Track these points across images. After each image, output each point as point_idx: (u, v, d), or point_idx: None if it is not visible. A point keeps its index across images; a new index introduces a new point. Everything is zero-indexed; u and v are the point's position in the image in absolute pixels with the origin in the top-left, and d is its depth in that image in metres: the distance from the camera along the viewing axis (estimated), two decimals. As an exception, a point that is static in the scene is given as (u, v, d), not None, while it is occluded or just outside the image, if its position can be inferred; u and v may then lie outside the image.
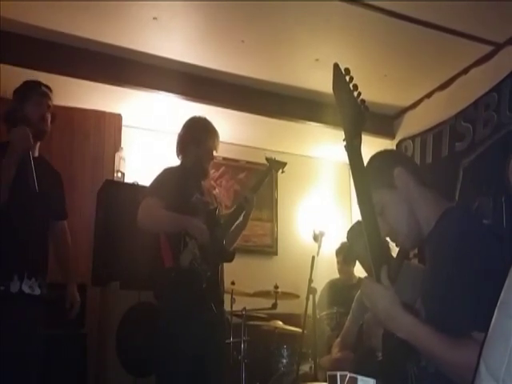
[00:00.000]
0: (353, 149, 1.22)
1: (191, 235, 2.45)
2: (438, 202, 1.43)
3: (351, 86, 1.22)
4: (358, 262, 4.10)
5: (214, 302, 2.50)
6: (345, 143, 1.23)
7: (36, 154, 2.47)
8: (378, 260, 1.23)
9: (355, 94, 1.21)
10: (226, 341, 3.26)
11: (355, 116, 1.21)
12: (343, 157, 1.22)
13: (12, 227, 2.25)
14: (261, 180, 2.83)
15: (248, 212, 2.76)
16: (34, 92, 2.44)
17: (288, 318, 3.95)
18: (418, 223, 1.42)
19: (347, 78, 1.23)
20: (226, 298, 3.14)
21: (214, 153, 2.77)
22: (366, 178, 1.25)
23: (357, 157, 1.22)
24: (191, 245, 2.45)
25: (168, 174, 2.64)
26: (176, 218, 2.48)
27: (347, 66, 1.24)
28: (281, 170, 2.93)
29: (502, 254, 1.23)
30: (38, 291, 2.25)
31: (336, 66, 1.26)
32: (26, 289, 2.19)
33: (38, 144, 2.49)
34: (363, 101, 1.21)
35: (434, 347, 1.17)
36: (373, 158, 1.54)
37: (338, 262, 4.19)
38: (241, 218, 2.76)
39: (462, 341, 1.17)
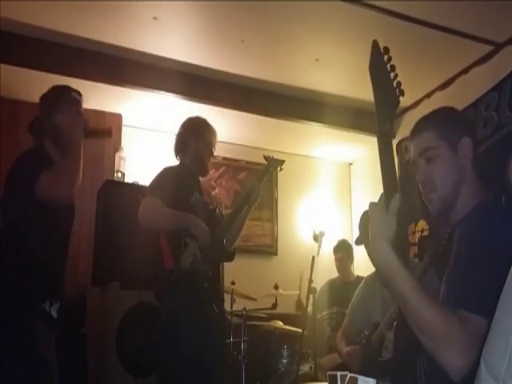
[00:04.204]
0: (383, 133, 1.18)
1: (192, 235, 2.45)
2: (477, 191, 1.40)
3: (389, 66, 1.16)
4: (355, 260, 4.13)
5: (215, 301, 2.51)
6: (376, 126, 1.18)
7: None
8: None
9: (392, 75, 1.15)
10: (226, 341, 3.26)
11: (389, 98, 1.15)
12: (343, 157, 1.21)
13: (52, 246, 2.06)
14: (260, 177, 2.82)
15: (254, 199, 2.73)
16: (64, 99, 2.17)
17: (288, 318, 3.95)
18: (456, 198, 1.38)
19: (385, 57, 1.16)
20: (226, 298, 3.14)
21: (213, 151, 2.77)
22: (393, 165, 1.19)
23: (386, 142, 1.17)
24: (192, 246, 2.44)
25: (167, 173, 2.64)
26: (177, 215, 2.48)
27: (347, 65, 1.23)
28: (279, 168, 2.92)
29: None
30: (56, 315, 2.07)
31: (375, 44, 1.18)
32: (54, 313, 2.03)
33: None
34: (399, 83, 1.15)
35: (402, 284, 1.13)
36: (451, 109, 1.51)
37: (335, 260, 4.20)
38: (245, 208, 2.73)
39: (438, 302, 1.15)
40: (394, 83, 1.15)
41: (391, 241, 1.14)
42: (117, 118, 4.30)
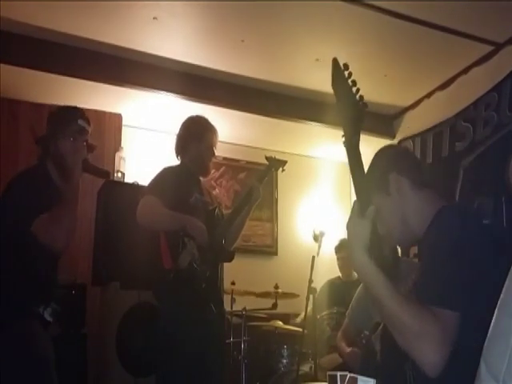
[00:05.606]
0: (351, 146, 1.21)
1: (190, 235, 2.45)
2: (433, 202, 1.44)
3: (350, 81, 1.19)
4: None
5: (213, 302, 2.51)
6: (343, 140, 1.22)
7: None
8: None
9: (354, 89, 1.19)
10: (226, 341, 3.26)
11: (353, 113, 1.19)
12: (343, 157, 1.22)
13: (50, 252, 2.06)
14: (261, 178, 2.81)
15: (255, 199, 2.73)
16: (71, 129, 2.12)
17: (288, 318, 3.95)
18: (410, 228, 1.46)
19: (346, 73, 1.20)
20: (226, 298, 3.13)
21: (215, 150, 2.77)
22: (364, 175, 1.25)
23: (355, 154, 1.22)
24: (190, 246, 2.44)
25: (167, 173, 2.64)
26: (176, 216, 2.48)
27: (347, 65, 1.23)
28: (281, 169, 2.91)
29: (494, 254, 1.24)
30: (49, 318, 2.06)
31: (335, 61, 1.25)
32: (47, 316, 2.03)
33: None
34: (362, 97, 1.19)
35: (377, 288, 1.18)
36: (373, 161, 1.55)
37: (338, 259, 4.19)
38: (246, 208, 2.73)
39: (412, 302, 1.19)
40: (357, 97, 1.19)
41: (367, 245, 1.20)
42: (117, 118, 4.30)
